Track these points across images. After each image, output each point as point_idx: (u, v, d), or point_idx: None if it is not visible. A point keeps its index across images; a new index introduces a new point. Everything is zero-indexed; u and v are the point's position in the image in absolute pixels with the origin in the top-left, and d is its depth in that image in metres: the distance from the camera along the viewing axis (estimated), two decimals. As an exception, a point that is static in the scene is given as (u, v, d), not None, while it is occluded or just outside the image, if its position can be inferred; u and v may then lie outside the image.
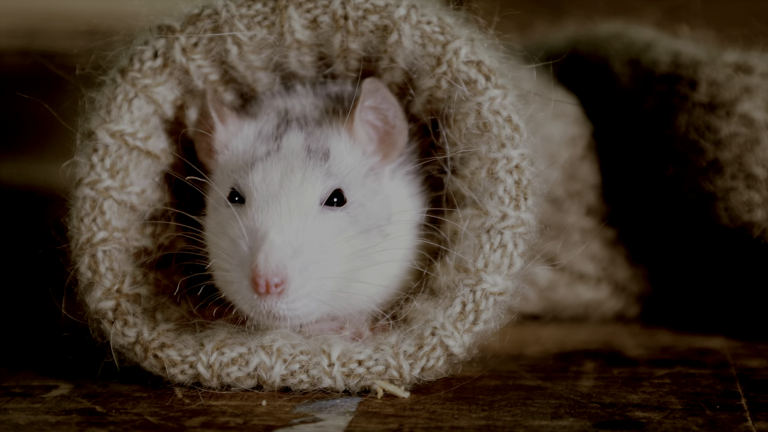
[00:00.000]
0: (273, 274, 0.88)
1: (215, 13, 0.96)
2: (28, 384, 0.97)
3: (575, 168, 1.21)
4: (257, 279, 0.87)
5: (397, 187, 0.98)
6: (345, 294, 0.92)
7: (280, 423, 0.85)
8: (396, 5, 0.94)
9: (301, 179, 0.92)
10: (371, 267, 0.93)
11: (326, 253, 0.90)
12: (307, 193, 0.92)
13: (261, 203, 0.91)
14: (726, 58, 1.15)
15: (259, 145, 0.95)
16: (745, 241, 1.12)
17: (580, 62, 1.27)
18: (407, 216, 0.97)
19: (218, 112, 0.96)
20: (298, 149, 0.94)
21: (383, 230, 0.94)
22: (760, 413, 0.87)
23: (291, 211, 0.91)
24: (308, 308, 0.90)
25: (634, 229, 1.22)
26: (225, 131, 0.96)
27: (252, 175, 0.92)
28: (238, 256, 0.90)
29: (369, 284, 0.93)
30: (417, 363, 0.92)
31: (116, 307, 0.94)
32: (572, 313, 1.23)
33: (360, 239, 0.92)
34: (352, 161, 0.95)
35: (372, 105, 0.95)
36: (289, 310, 0.89)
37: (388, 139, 0.96)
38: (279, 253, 0.88)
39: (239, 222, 0.90)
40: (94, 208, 0.95)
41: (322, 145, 0.94)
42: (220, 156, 0.97)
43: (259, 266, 0.88)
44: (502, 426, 0.84)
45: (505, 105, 0.94)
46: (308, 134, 0.95)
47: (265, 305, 0.89)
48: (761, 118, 1.11)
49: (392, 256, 0.94)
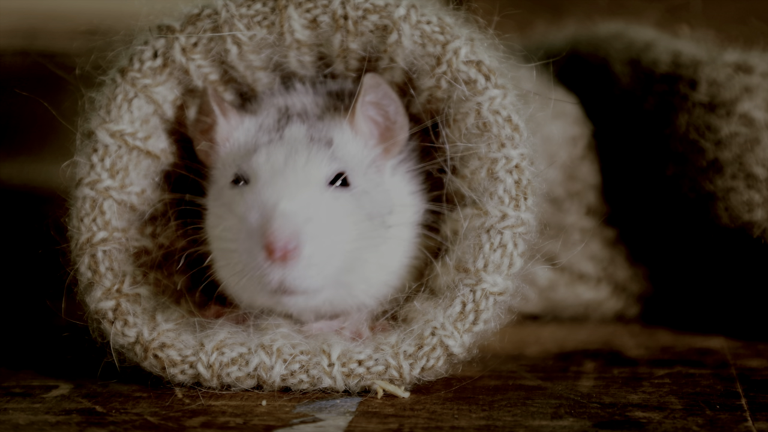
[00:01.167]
0: (288, 239, 0.87)
1: (215, 13, 0.96)
2: (28, 384, 0.97)
3: (575, 168, 1.21)
4: (272, 244, 0.87)
5: (398, 183, 0.98)
6: (347, 281, 0.92)
7: (280, 423, 0.85)
8: (396, 5, 0.94)
9: (306, 159, 0.92)
10: (373, 256, 0.93)
11: (335, 228, 0.90)
12: (313, 171, 0.92)
13: (267, 178, 0.91)
14: (726, 58, 1.15)
15: (261, 135, 0.95)
16: (745, 241, 1.12)
17: (580, 62, 1.27)
18: (408, 211, 0.97)
19: (220, 105, 0.96)
20: (300, 137, 0.94)
21: (385, 221, 0.94)
22: (760, 413, 0.87)
23: (299, 184, 0.91)
24: (317, 282, 0.89)
25: (634, 229, 1.22)
26: (227, 124, 0.97)
27: (256, 157, 0.93)
28: (248, 229, 0.89)
29: (370, 274, 0.93)
30: (417, 363, 0.92)
31: (116, 307, 0.94)
32: (572, 313, 1.23)
33: (365, 224, 0.92)
34: (355, 150, 0.95)
35: (373, 100, 0.96)
36: (301, 279, 0.88)
37: (389, 135, 0.96)
38: (293, 219, 0.88)
39: (247, 197, 0.90)
40: (94, 208, 0.95)
41: (325, 135, 0.95)
42: (222, 148, 0.97)
43: (273, 231, 0.87)
44: (502, 426, 0.84)
45: (505, 105, 0.94)
46: (310, 126, 0.95)
47: (278, 275, 0.88)
48: (761, 118, 1.11)
49: (394, 247, 0.94)
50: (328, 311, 0.97)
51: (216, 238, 0.94)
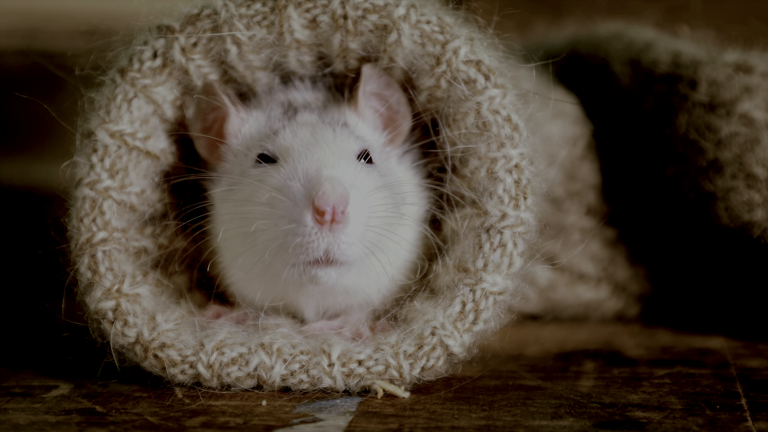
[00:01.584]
0: (338, 201, 0.88)
1: (214, 13, 0.96)
2: (28, 384, 0.97)
3: (575, 168, 1.21)
4: (323, 207, 0.87)
5: (404, 173, 0.98)
6: (368, 264, 0.92)
7: (280, 423, 0.85)
8: (395, 5, 0.94)
9: (333, 135, 0.93)
10: (390, 238, 0.93)
11: (371, 199, 0.91)
12: (344, 144, 0.93)
13: (302, 151, 0.92)
14: (726, 58, 1.15)
15: (274, 123, 0.96)
16: (745, 241, 1.12)
17: (580, 62, 1.27)
18: (415, 201, 0.97)
19: (230, 98, 0.97)
20: (315, 121, 0.95)
21: (399, 207, 0.95)
22: (760, 413, 0.87)
23: (335, 154, 0.91)
24: (358, 250, 0.90)
25: (634, 229, 1.22)
26: (238, 116, 0.97)
27: (281, 135, 0.93)
28: (293, 196, 0.89)
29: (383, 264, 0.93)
30: (417, 363, 0.92)
31: (116, 307, 0.94)
32: (572, 313, 1.23)
33: (389, 202, 0.93)
34: (368, 132, 0.96)
35: (374, 90, 0.96)
36: (346, 245, 0.89)
37: (392, 125, 0.97)
38: (341, 182, 0.89)
39: (282, 171, 0.91)
40: (94, 208, 0.95)
41: (338, 119, 0.95)
42: (234, 140, 0.97)
43: (324, 194, 0.87)
44: (502, 426, 0.84)
45: (505, 104, 0.94)
46: (320, 114, 0.96)
47: (325, 240, 0.88)
48: (761, 118, 1.11)
49: (407, 235, 0.95)
50: (340, 305, 0.96)
51: (234, 231, 0.93)
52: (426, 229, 0.97)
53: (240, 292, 0.97)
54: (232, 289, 0.97)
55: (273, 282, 0.93)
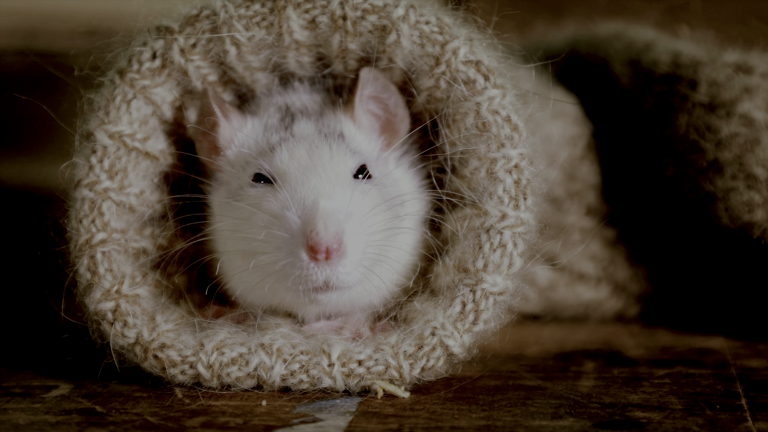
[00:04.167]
0: (333, 239, 0.88)
1: (214, 14, 0.96)
2: (28, 384, 0.97)
3: (575, 168, 1.21)
4: (318, 245, 0.88)
5: (403, 175, 0.98)
6: (371, 275, 0.92)
7: (280, 423, 0.85)
8: (394, 5, 0.94)
9: (330, 154, 0.93)
10: (390, 249, 0.93)
11: (368, 221, 0.91)
12: (340, 165, 0.93)
13: (298, 176, 0.91)
14: (726, 58, 1.15)
15: (271, 135, 0.95)
16: (745, 242, 1.12)
17: (580, 62, 1.27)
18: (415, 203, 0.97)
19: (221, 107, 0.96)
20: (312, 133, 0.94)
21: (398, 212, 0.95)
22: (760, 413, 0.87)
23: (332, 181, 0.91)
24: (357, 276, 0.90)
25: (634, 229, 1.22)
26: (229, 126, 0.97)
27: (278, 155, 0.93)
28: (288, 229, 0.89)
29: (385, 270, 0.93)
30: (417, 363, 0.92)
31: (116, 308, 0.94)
32: (572, 313, 1.23)
33: (386, 215, 0.93)
34: (364, 142, 0.96)
35: (372, 94, 0.96)
36: (344, 275, 0.89)
37: (391, 128, 0.97)
38: (336, 218, 0.89)
39: (279, 195, 0.90)
40: (93, 209, 0.95)
41: (334, 129, 0.95)
42: (229, 151, 0.97)
43: (318, 232, 0.88)
44: (502, 426, 0.84)
45: (504, 105, 0.94)
46: (316, 121, 0.96)
47: (323, 273, 0.89)
48: (761, 118, 1.11)
49: (403, 241, 0.94)
50: (344, 309, 0.96)
51: (233, 242, 0.93)
52: (426, 232, 0.97)
53: (240, 296, 0.97)
54: (232, 291, 0.97)
55: (273, 295, 0.93)
